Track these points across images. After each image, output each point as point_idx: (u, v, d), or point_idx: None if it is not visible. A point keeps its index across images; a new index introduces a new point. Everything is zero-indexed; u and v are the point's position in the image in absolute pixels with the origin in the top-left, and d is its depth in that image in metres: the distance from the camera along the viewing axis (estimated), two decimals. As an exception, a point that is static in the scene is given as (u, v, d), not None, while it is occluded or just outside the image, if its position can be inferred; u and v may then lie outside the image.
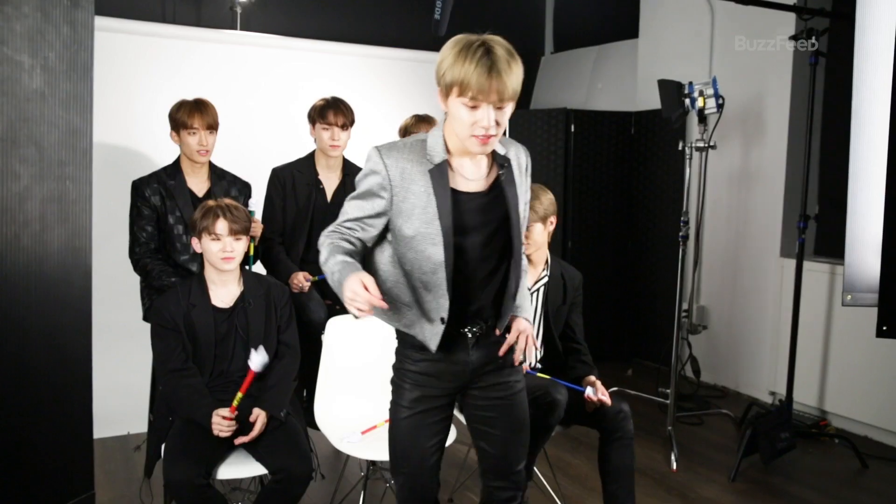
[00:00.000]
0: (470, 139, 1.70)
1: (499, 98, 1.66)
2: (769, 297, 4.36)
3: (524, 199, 1.90)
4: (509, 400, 1.93)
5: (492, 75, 1.63)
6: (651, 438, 3.78)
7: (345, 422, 2.69)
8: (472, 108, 1.67)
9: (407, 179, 1.74)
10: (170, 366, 2.41)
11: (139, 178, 2.95)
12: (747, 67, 4.41)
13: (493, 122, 1.68)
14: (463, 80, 1.64)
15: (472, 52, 1.65)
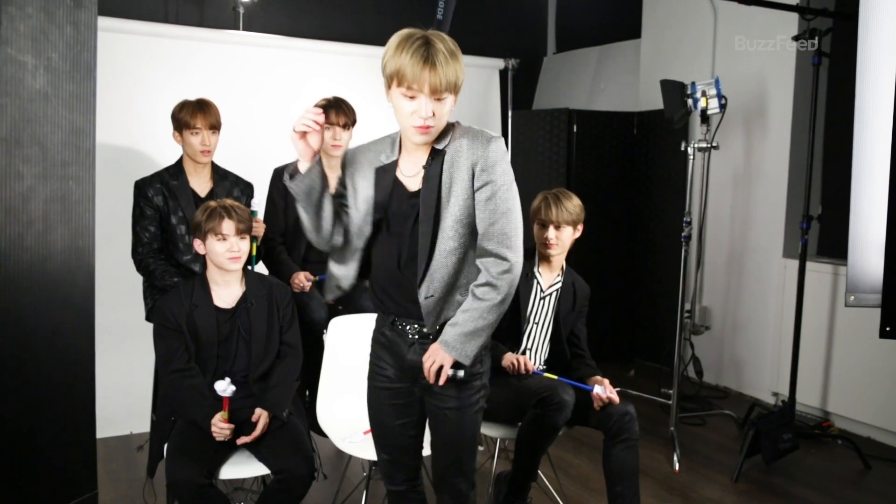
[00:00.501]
0: (410, 129, 1.76)
1: (433, 89, 1.70)
2: (772, 298, 4.36)
3: (462, 193, 1.80)
4: (442, 413, 1.92)
5: (426, 66, 1.67)
6: (653, 439, 3.78)
7: (347, 422, 2.69)
8: (409, 98, 1.72)
9: (358, 168, 1.88)
10: (172, 366, 2.41)
11: (142, 179, 2.96)
12: (750, 67, 4.41)
13: (430, 113, 1.72)
14: (399, 70, 1.69)
15: (409, 44, 1.70)
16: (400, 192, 1.86)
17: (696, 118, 3.97)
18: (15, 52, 1.12)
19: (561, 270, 2.81)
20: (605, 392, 2.57)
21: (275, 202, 3.10)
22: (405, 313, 1.90)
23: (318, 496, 3.01)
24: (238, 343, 2.47)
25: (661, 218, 4.99)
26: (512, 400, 2.59)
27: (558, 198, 2.70)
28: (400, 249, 1.86)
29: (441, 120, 1.77)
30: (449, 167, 1.81)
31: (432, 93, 1.71)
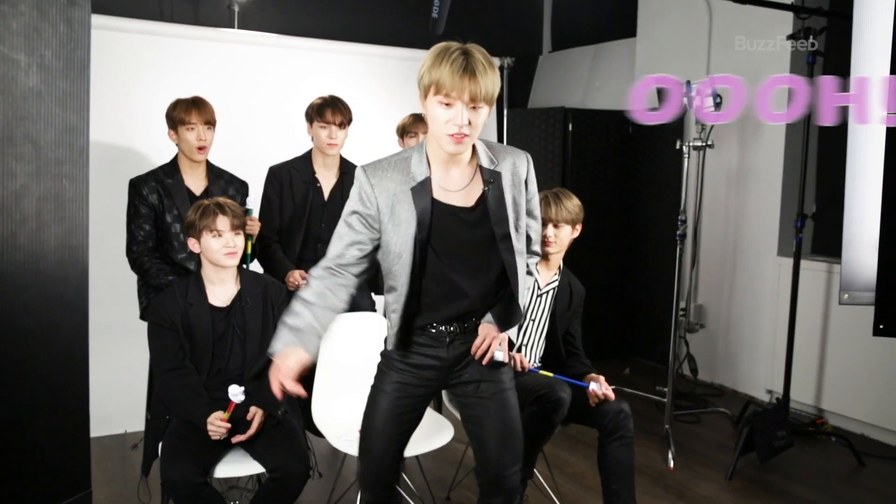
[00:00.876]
0: (444, 138, 1.78)
1: (471, 97, 1.73)
2: (766, 296, 4.37)
3: (522, 207, 1.93)
4: (496, 398, 1.97)
5: (465, 74, 1.72)
6: (648, 437, 3.79)
7: (342, 420, 2.69)
8: (446, 105, 1.75)
9: (392, 199, 1.83)
10: (167, 365, 2.41)
11: (137, 177, 2.95)
12: (745, 67, 4.41)
13: (466, 121, 1.74)
14: (439, 80, 1.73)
15: (449, 55, 1.75)
16: (444, 209, 1.85)
17: (692, 117, 3.98)
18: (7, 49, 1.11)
19: (558, 270, 2.82)
20: (600, 388, 2.57)
21: (270, 200, 3.09)
22: (448, 321, 1.93)
23: (314, 494, 3.01)
24: (233, 341, 2.47)
25: (656, 216, 4.99)
26: (507, 398, 2.59)
27: (558, 196, 2.71)
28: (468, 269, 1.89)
29: (476, 130, 1.79)
30: (510, 186, 1.89)
31: (471, 101, 1.74)
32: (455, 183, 1.87)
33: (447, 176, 1.87)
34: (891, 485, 3.34)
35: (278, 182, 3.09)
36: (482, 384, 1.97)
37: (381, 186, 1.84)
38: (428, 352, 1.96)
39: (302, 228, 3.08)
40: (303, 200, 3.08)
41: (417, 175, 1.84)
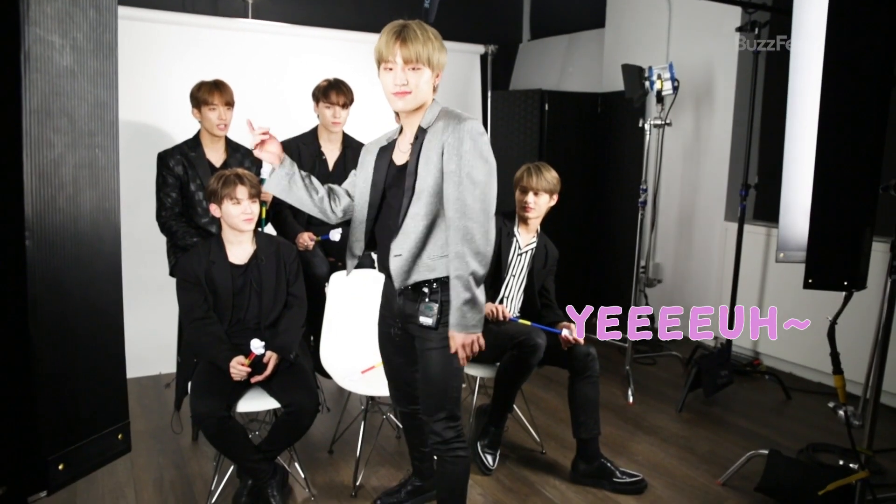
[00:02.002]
0: (391, 98, 1.80)
1: (405, 59, 1.73)
2: (714, 256, 4.40)
3: (435, 171, 1.79)
4: (422, 354, 1.93)
5: (398, 40, 1.73)
6: (611, 377, 3.84)
7: (347, 362, 2.71)
8: (388, 70, 1.76)
9: (368, 153, 1.97)
10: (194, 315, 2.41)
11: (164, 150, 2.91)
12: (700, 54, 4.37)
13: (404, 80, 1.75)
14: (378, 49, 1.76)
15: (388, 28, 1.77)
16: (392, 167, 1.90)
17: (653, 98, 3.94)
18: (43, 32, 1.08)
19: (536, 233, 2.82)
20: (571, 335, 2.60)
21: (282, 171, 3.06)
22: (385, 268, 1.95)
23: (322, 426, 3.05)
24: (250, 295, 2.46)
25: (621, 186, 4.98)
26: (491, 343, 2.60)
27: (539, 168, 2.70)
28: (397, 218, 1.88)
29: (418, 90, 1.77)
30: (427, 143, 1.81)
31: (405, 63, 1.74)
32: (405, 144, 1.90)
33: (405, 138, 1.90)
34: (813, 414, 3.42)
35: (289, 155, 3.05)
36: (416, 338, 1.95)
37: (367, 149, 1.99)
38: (390, 292, 1.99)
39: (310, 196, 3.05)
40: (310, 171, 3.04)
41: (387, 140, 1.95)
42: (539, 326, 2.63)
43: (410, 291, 1.90)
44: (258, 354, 2.29)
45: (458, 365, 1.90)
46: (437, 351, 1.89)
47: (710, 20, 4.26)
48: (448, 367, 1.90)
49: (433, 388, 1.93)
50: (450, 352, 1.86)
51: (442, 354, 1.89)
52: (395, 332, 2.02)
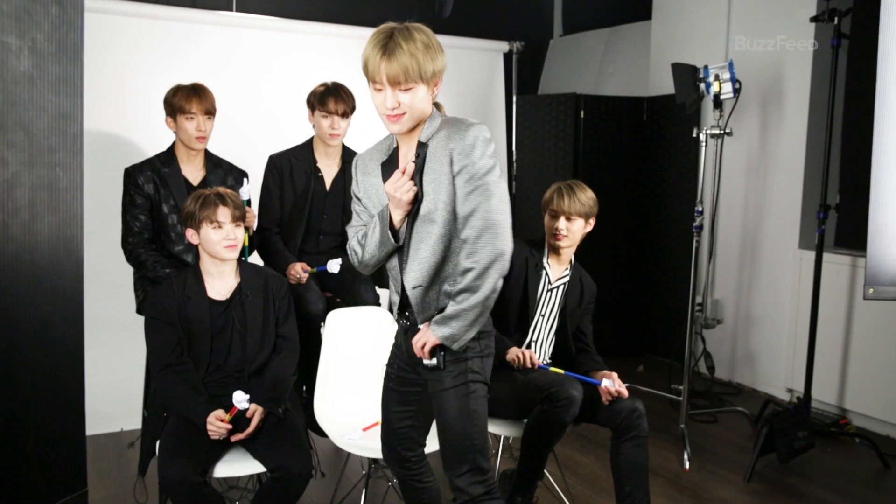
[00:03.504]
0: (384, 119, 1.87)
1: (391, 80, 1.78)
2: (787, 291, 4.35)
3: (444, 190, 1.85)
4: (435, 397, 1.98)
5: (383, 57, 1.77)
6: (663, 437, 3.78)
7: (346, 418, 2.69)
8: (378, 90, 1.83)
9: (368, 174, 2.01)
10: (164, 360, 2.41)
11: (132, 166, 2.95)
12: (766, 50, 4.39)
13: (395, 103, 1.80)
14: (364, 65, 1.82)
15: (374, 37, 1.81)
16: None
17: (709, 103, 3.96)
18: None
19: (569, 264, 2.81)
20: (613, 386, 2.57)
21: (270, 190, 3.09)
22: (401, 304, 2.02)
23: (316, 495, 3.02)
24: (233, 336, 2.47)
25: (671, 207, 4.97)
26: (516, 395, 2.59)
27: (572, 188, 2.70)
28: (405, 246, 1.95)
29: (413, 109, 1.84)
30: (431, 156, 1.87)
31: (392, 84, 1.79)
32: (403, 156, 1.96)
33: (403, 153, 1.97)
34: (916, 487, 3.34)
35: (278, 171, 3.09)
36: (428, 381, 2.01)
37: (363, 168, 2.03)
38: (401, 337, 2.08)
39: (303, 220, 3.08)
40: (304, 191, 3.08)
41: (385, 154, 2.00)
42: (574, 375, 2.61)
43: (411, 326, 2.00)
44: (241, 409, 2.29)
45: (477, 407, 1.93)
46: (453, 391, 1.93)
47: (779, 9, 4.28)
48: (465, 409, 1.93)
49: (452, 436, 1.95)
50: (467, 391, 1.92)
51: (458, 395, 1.93)
52: (408, 376, 2.10)
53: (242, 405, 2.29)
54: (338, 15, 4.82)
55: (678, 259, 4.82)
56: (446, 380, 1.94)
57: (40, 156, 1.16)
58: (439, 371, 1.94)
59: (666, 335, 4.96)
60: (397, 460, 2.21)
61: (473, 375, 1.95)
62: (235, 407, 2.29)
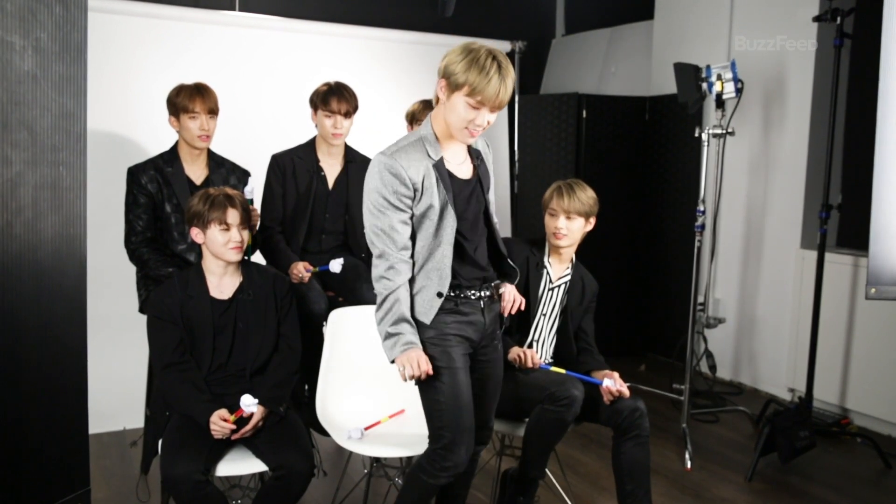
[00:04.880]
0: (463, 131, 2.07)
1: (498, 106, 2.04)
2: (789, 290, 4.35)
3: (492, 185, 2.30)
4: (495, 361, 2.30)
5: (501, 87, 2.00)
6: (665, 436, 3.78)
7: (348, 416, 2.70)
8: (474, 108, 2.02)
9: (421, 176, 2.09)
10: (167, 359, 2.42)
11: (135, 165, 2.95)
12: (768, 50, 4.38)
13: (486, 123, 2.06)
14: (478, 86, 1.98)
15: (486, 62, 1.99)
16: (457, 182, 2.16)
17: (711, 103, 3.95)
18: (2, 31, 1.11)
19: (570, 263, 2.81)
20: (615, 385, 2.57)
21: (272, 189, 3.10)
22: (473, 286, 2.19)
23: (318, 494, 3.03)
24: (235, 335, 2.48)
25: (673, 207, 4.97)
26: (518, 395, 2.59)
27: (572, 187, 2.70)
28: (466, 232, 2.16)
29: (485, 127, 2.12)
30: (486, 160, 2.28)
31: (496, 108, 2.04)
32: (456, 158, 2.19)
33: (449, 152, 2.17)
34: (918, 487, 3.33)
35: (281, 171, 3.09)
36: (487, 350, 2.27)
37: (412, 166, 2.08)
38: (470, 318, 2.19)
39: (306, 219, 3.09)
40: (306, 190, 3.08)
41: (433, 153, 2.12)
42: (575, 375, 2.61)
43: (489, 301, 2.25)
44: (247, 413, 2.29)
45: None
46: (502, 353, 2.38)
47: (781, 8, 4.28)
48: None
49: (499, 392, 2.36)
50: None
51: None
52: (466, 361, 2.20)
53: (250, 409, 2.29)
54: (341, 14, 4.82)
55: (680, 258, 4.82)
56: (500, 342, 2.33)
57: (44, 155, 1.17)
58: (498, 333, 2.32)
59: (668, 334, 4.96)
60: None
61: None
62: (242, 409, 2.29)
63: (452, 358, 2.12)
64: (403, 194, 2.06)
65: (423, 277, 2.13)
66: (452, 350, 2.13)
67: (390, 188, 2.05)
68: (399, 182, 2.05)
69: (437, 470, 2.15)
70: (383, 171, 2.06)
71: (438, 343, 2.12)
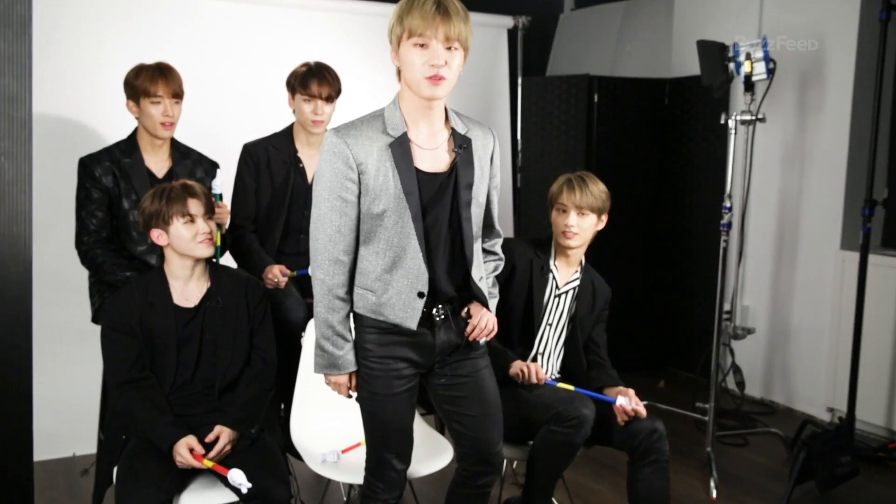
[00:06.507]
0: (422, 82, 2.01)
1: (446, 36, 1.98)
2: (827, 297, 4.36)
3: (485, 184, 2.21)
4: (474, 377, 2.26)
5: (438, 13, 1.97)
6: (687, 461, 3.79)
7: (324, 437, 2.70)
8: (421, 47, 1.99)
9: (371, 156, 2.06)
10: (123, 375, 2.41)
11: (88, 156, 2.95)
12: (804, 25, 4.40)
13: (443, 60, 1.99)
14: (412, 22, 1.98)
15: (420, 1, 2.00)
16: (423, 176, 2.10)
17: (739, 85, 3.96)
18: (-65, 4, 1.11)
19: (579, 266, 2.82)
20: (630, 404, 2.58)
21: (245, 183, 3.09)
22: (436, 297, 2.17)
23: (295, 528, 3.02)
24: (202, 347, 2.47)
25: (696, 203, 4.98)
26: (521, 414, 2.60)
27: (583, 180, 2.72)
28: (440, 237, 2.13)
29: (452, 74, 2.03)
30: (479, 153, 2.17)
31: (445, 39, 1.98)
32: (427, 141, 2.12)
33: (419, 133, 2.12)
34: (972, 519, 3.34)
35: (254, 162, 3.09)
36: (461, 366, 2.25)
37: (359, 145, 2.05)
38: (416, 338, 2.17)
39: (282, 216, 3.08)
40: (283, 184, 3.08)
41: (393, 130, 2.08)
42: (586, 392, 2.62)
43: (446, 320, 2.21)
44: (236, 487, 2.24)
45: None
46: (489, 368, 2.32)
47: (818, -20, 4.29)
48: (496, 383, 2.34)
49: (496, 411, 2.31)
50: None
51: (491, 371, 2.33)
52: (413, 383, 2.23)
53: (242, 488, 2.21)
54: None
55: (704, 261, 4.83)
56: (483, 355, 2.30)
57: (-17, 144, 1.17)
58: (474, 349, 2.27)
59: (690, 347, 4.97)
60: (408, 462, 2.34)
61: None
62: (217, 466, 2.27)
63: (372, 384, 2.18)
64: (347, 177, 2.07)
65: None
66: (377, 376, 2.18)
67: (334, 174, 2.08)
68: (342, 162, 2.06)
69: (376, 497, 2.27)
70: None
71: (364, 364, 2.19)
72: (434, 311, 2.16)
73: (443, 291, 2.16)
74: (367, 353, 2.16)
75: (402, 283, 2.10)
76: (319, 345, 2.16)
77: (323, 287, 2.12)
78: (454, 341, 2.22)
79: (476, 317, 2.21)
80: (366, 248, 2.13)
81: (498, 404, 2.31)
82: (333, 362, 2.15)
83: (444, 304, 2.18)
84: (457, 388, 2.25)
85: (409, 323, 2.12)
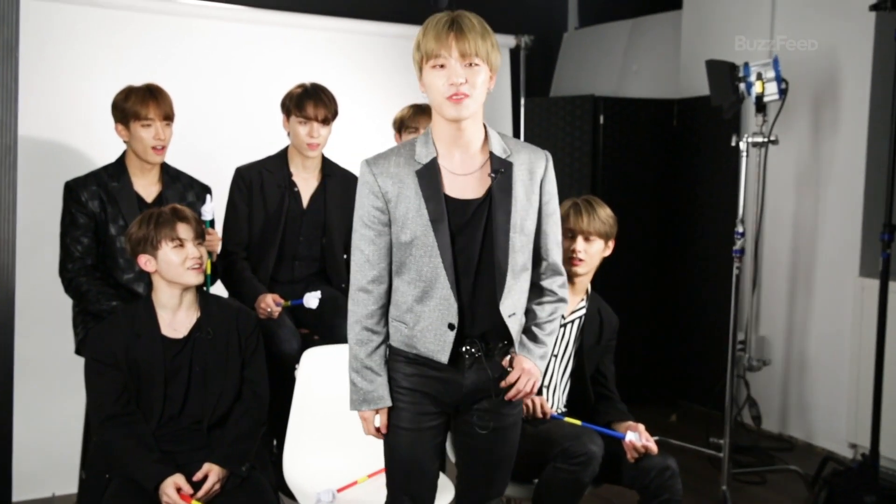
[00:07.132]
0: (445, 104, 2.02)
1: (461, 53, 1.99)
2: (847, 326, 4.35)
3: (533, 212, 2.14)
4: (499, 433, 2.21)
5: (451, 31, 1.99)
6: (701, 500, 3.76)
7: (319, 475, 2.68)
8: (440, 67, 2.00)
9: (397, 184, 2.07)
10: (108, 410, 2.41)
11: (74, 179, 2.96)
12: (818, 44, 4.43)
13: (462, 78, 1.99)
14: (427, 45, 2.00)
15: (435, 20, 2.03)
16: (453, 203, 2.09)
17: (750, 106, 3.99)
18: (-80, 25, 1.12)
19: (585, 294, 2.82)
20: (640, 440, 2.57)
21: (237, 208, 3.10)
22: (468, 335, 2.12)
23: (288, 572, 2.99)
24: (190, 381, 2.47)
25: (707, 228, 4.99)
26: (525, 451, 2.57)
27: (590, 204, 2.74)
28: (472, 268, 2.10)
29: (476, 91, 2.02)
30: (522, 177, 2.12)
31: (461, 56, 1.99)
32: (460, 166, 2.10)
33: (451, 159, 2.11)
34: None
35: (247, 186, 3.11)
36: (483, 413, 2.18)
37: (385, 174, 2.07)
38: (444, 375, 2.13)
39: (276, 243, 3.09)
40: (277, 209, 3.09)
41: (422, 157, 2.09)
42: (593, 427, 2.61)
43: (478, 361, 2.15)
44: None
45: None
46: (517, 426, 2.27)
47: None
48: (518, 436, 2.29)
49: (508, 465, 2.28)
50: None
51: (518, 426, 2.28)
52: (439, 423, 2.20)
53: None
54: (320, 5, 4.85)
55: (716, 289, 4.82)
56: (516, 408, 2.23)
57: (-34, 169, 1.17)
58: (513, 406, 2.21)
59: (703, 379, 4.95)
60: None
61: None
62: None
63: (399, 416, 2.16)
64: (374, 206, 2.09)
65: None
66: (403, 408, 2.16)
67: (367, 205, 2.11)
68: (369, 191, 2.08)
69: None
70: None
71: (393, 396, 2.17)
72: (464, 349, 2.12)
73: (475, 324, 2.12)
74: (396, 385, 2.15)
75: (433, 314, 2.08)
76: (350, 378, 2.17)
77: (352, 317, 2.15)
78: (484, 387, 2.14)
79: (516, 372, 2.13)
80: (398, 278, 2.12)
81: (508, 463, 2.27)
82: (365, 397, 2.14)
83: (477, 339, 2.12)
84: (471, 437, 2.21)
85: (440, 356, 2.09)
